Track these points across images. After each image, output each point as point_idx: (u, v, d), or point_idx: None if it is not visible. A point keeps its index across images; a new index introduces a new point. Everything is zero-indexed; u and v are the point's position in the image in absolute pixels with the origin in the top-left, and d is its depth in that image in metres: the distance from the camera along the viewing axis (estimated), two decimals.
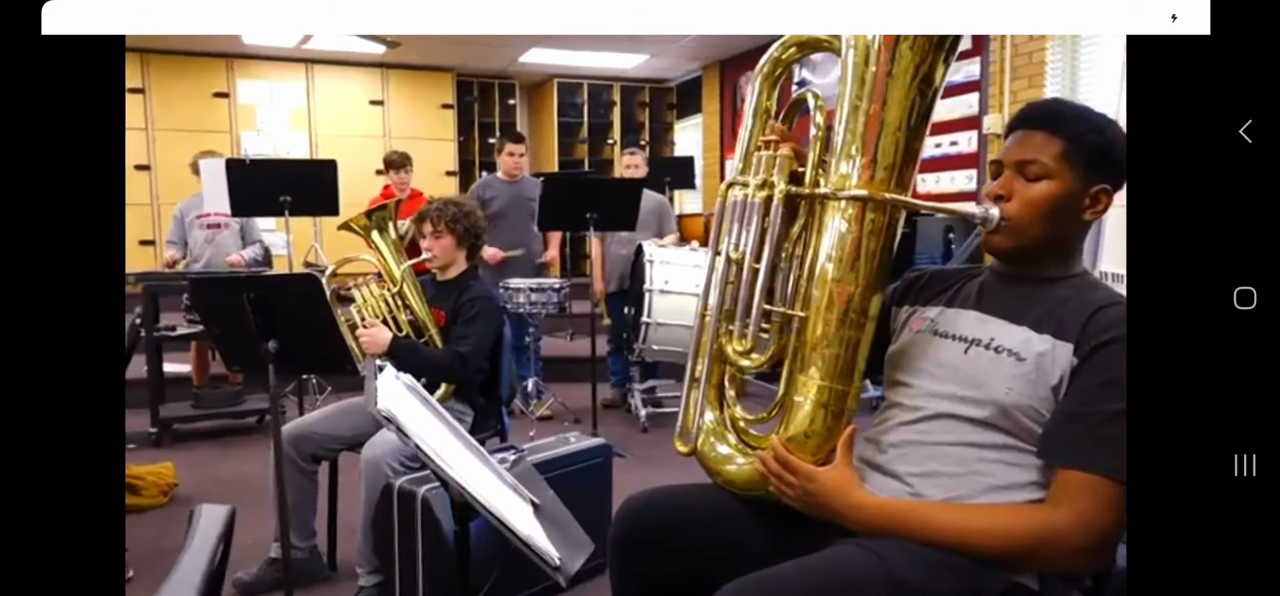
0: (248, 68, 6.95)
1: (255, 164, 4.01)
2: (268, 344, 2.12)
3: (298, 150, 7.04)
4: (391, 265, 2.64)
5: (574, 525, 1.41)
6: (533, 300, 4.34)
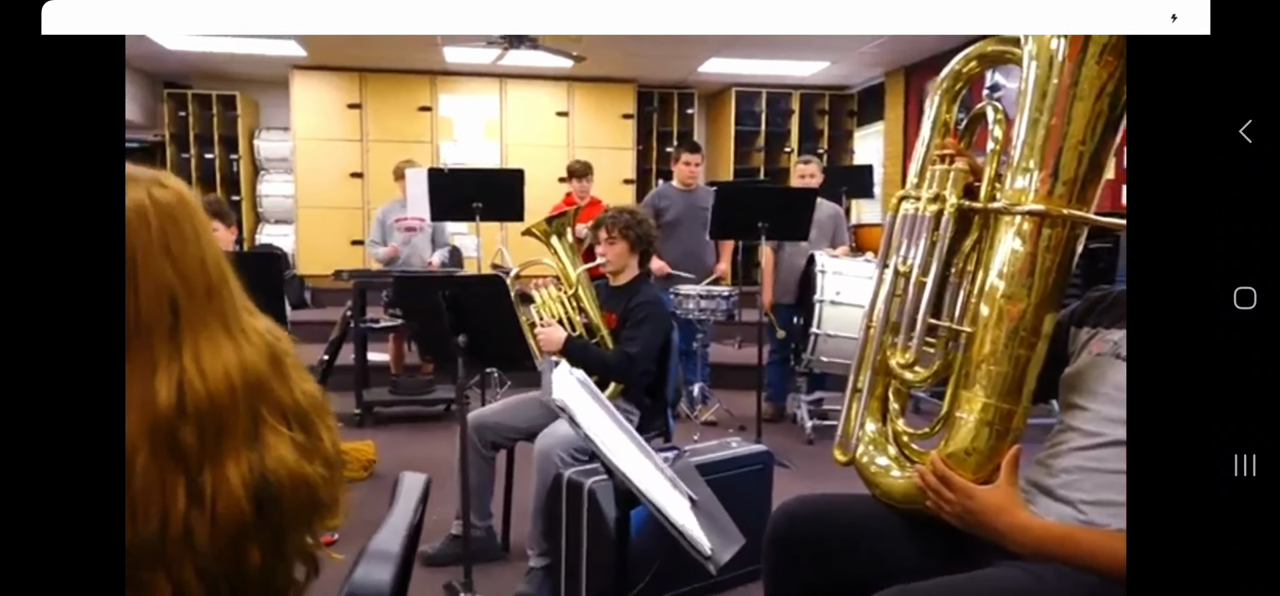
0: (449, 84, 7.53)
1: (452, 172, 4.37)
2: (458, 338, 2.32)
3: (489, 159, 7.54)
4: (568, 269, 2.80)
5: (728, 520, 1.45)
6: (703, 306, 4.41)
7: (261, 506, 0.89)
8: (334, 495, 0.97)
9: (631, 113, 7.87)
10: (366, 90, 7.47)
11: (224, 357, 0.91)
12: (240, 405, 0.90)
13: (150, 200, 0.91)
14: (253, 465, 0.89)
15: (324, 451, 0.96)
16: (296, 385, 0.97)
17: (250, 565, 0.89)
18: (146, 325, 0.88)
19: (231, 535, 0.87)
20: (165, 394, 0.87)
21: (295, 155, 7.59)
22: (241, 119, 7.89)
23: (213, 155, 7.90)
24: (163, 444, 0.86)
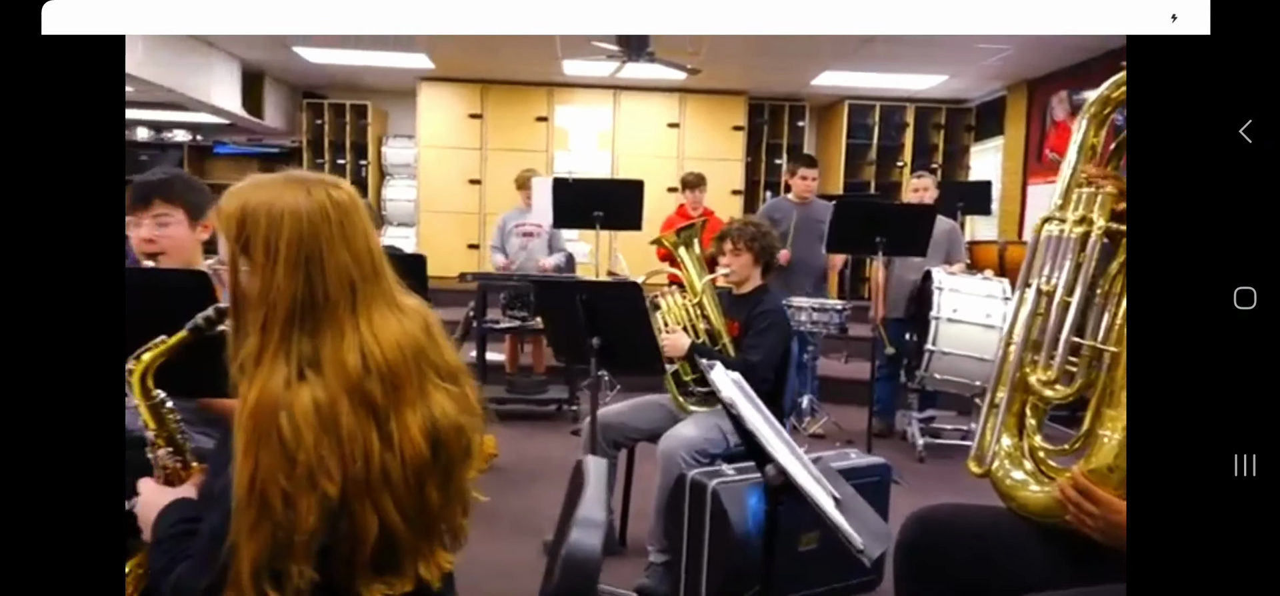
0: (565, 95, 7.79)
1: (576, 182, 4.55)
2: (592, 340, 2.46)
3: (601, 169, 7.75)
4: (694, 278, 2.90)
5: (876, 518, 1.51)
6: (815, 320, 4.43)
7: (435, 449, 1.05)
8: (480, 442, 1.14)
9: (742, 124, 7.93)
10: (487, 101, 7.81)
11: (391, 327, 1.08)
12: (409, 365, 1.07)
13: (329, 200, 1.09)
14: (424, 414, 1.05)
15: (470, 404, 1.12)
16: (445, 348, 1.14)
17: (430, 501, 1.05)
18: (334, 302, 1.05)
19: (416, 473, 1.03)
20: (353, 358, 1.03)
21: (419, 162, 8.00)
22: (371, 127, 8.38)
23: (344, 161, 8.40)
24: (358, 399, 1.02)
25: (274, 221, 1.03)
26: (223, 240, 1.08)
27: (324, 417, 0.98)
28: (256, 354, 1.02)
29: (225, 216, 1.06)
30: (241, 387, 1.02)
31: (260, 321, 1.02)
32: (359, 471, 0.99)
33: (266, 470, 0.96)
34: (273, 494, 0.95)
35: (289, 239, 1.03)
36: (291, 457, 0.96)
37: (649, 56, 5.88)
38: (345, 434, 0.99)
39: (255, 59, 7.31)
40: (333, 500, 0.98)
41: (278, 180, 1.08)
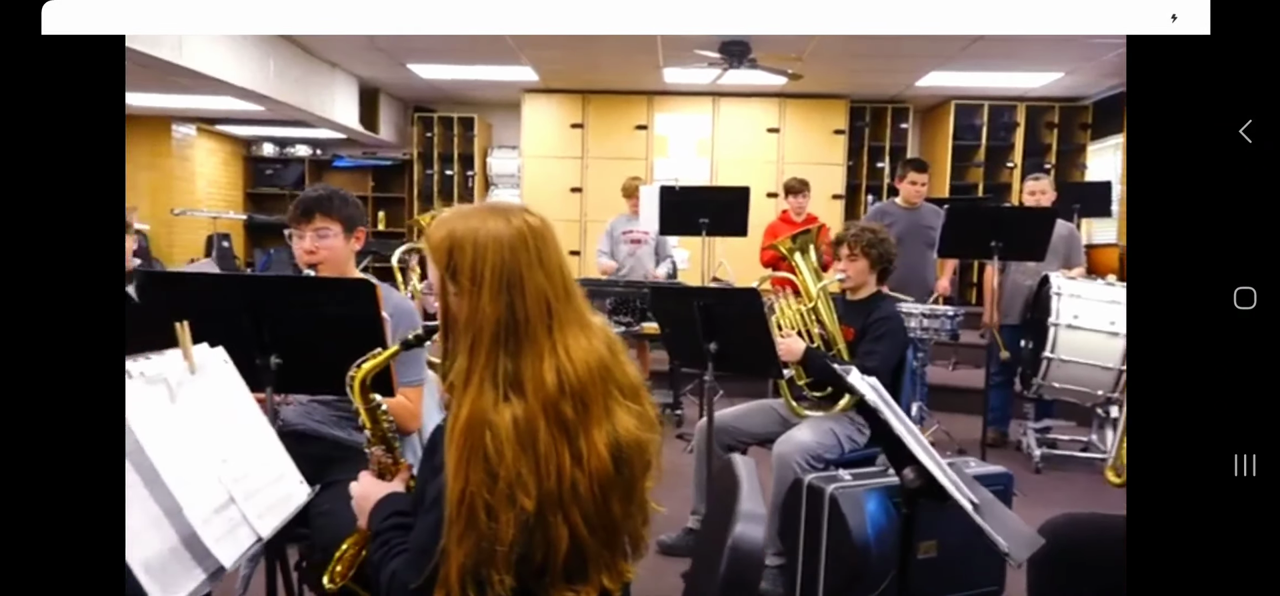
0: (665, 103, 7.88)
1: (682, 190, 4.62)
2: (709, 345, 2.51)
3: (700, 175, 7.81)
4: (809, 283, 2.92)
5: (1018, 522, 1.50)
6: (925, 326, 4.36)
7: (618, 464, 1.11)
8: (658, 456, 1.20)
9: (843, 128, 7.84)
10: (589, 110, 7.98)
11: (583, 346, 1.14)
12: (597, 383, 1.13)
13: (527, 226, 1.17)
14: (609, 432, 1.11)
15: (649, 419, 1.18)
16: (627, 366, 1.20)
17: (614, 513, 1.12)
18: (533, 324, 1.13)
19: (601, 487, 1.10)
20: (551, 378, 1.11)
21: (522, 171, 8.24)
22: (477, 138, 8.69)
23: (452, 172, 8.74)
24: (553, 417, 1.09)
25: (479, 249, 1.11)
26: (432, 266, 1.18)
27: (522, 436, 1.06)
28: (465, 374, 1.10)
29: (434, 244, 1.15)
30: (452, 405, 1.11)
31: (468, 343, 1.11)
32: (552, 486, 1.06)
33: (474, 485, 1.04)
34: (478, 507, 1.04)
35: (492, 265, 1.11)
36: (494, 474, 1.04)
37: (750, 63, 5.91)
38: (541, 451, 1.06)
39: (371, 76, 7.70)
40: (529, 514, 1.05)
41: (479, 210, 1.17)
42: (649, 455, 1.17)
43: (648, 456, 1.17)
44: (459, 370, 1.13)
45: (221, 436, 1.26)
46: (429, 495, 1.15)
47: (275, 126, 8.62)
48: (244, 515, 1.22)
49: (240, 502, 1.22)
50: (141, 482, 1.08)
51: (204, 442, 1.21)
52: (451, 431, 1.09)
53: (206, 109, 7.65)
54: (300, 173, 9.48)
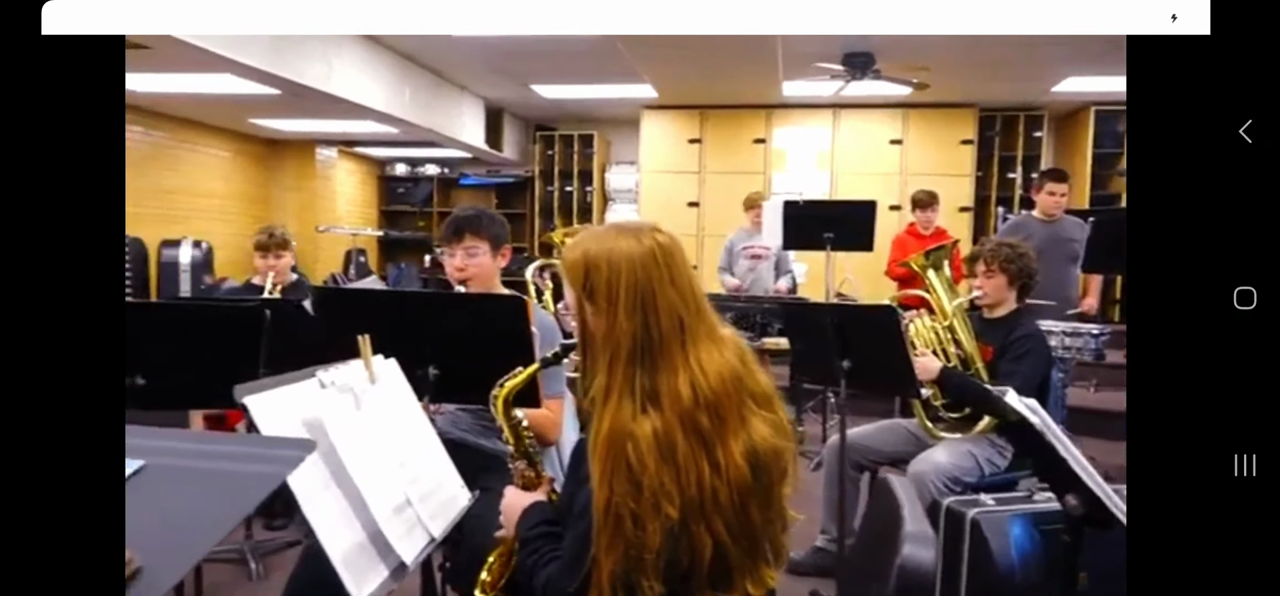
0: (784, 116, 7.83)
1: (806, 204, 4.57)
2: (842, 362, 2.49)
3: (819, 188, 7.70)
4: (944, 300, 2.84)
5: None
6: (1067, 344, 4.14)
7: (756, 472, 1.13)
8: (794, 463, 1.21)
9: (971, 138, 7.57)
10: (707, 125, 8.02)
11: (715, 358, 1.17)
12: (731, 394, 1.15)
13: (657, 245, 1.20)
14: (745, 440, 1.13)
15: (784, 427, 1.19)
16: (759, 375, 1.22)
17: (753, 521, 1.13)
18: (667, 339, 1.16)
19: (741, 495, 1.12)
20: (686, 390, 1.13)
21: (641, 186, 8.36)
22: (597, 155, 8.88)
23: (572, 188, 8.96)
24: (690, 428, 1.12)
25: (614, 268, 1.16)
26: (568, 286, 1.23)
27: (662, 446, 1.09)
28: (605, 389, 1.15)
29: (570, 265, 1.21)
30: (594, 419, 1.16)
31: (607, 360, 1.15)
32: (693, 495, 1.09)
33: (619, 495, 1.08)
34: (624, 516, 1.08)
35: (627, 283, 1.15)
36: (638, 483, 1.08)
37: (874, 74, 5.80)
38: (681, 461, 1.09)
39: (496, 97, 8.01)
40: (674, 522, 1.08)
41: (611, 230, 1.22)
42: (785, 462, 1.19)
43: (784, 463, 1.19)
44: (599, 386, 1.16)
45: (398, 442, 1.35)
46: (577, 506, 1.19)
47: (407, 147, 9.09)
48: (419, 516, 1.30)
49: (415, 504, 1.30)
50: (334, 482, 1.17)
51: (384, 447, 1.30)
52: (594, 444, 1.14)
53: (347, 132, 8.14)
54: (429, 191, 9.95)
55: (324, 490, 1.14)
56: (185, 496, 0.82)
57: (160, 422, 1.02)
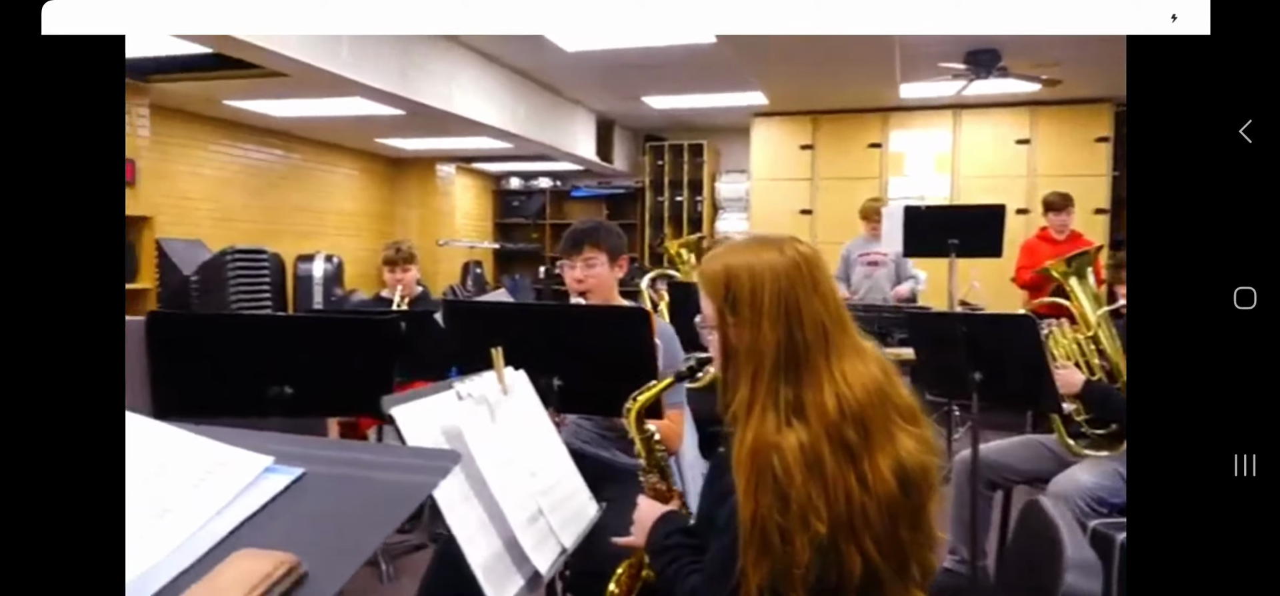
0: (901, 119, 7.59)
1: (929, 209, 4.41)
2: (974, 374, 2.37)
3: (939, 193, 7.42)
4: (1087, 309, 2.67)
5: None
6: None
7: (904, 488, 1.08)
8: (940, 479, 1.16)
9: (1107, 135, 7.11)
10: (819, 131, 7.87)
11: (860, 371, 1.13)
12: (877, 407, 1.11)
13: (799, 255, 1.17)
14: (892, 456, 1.09)
15: (930, 442, 1.14)
16: (902, 389, 1.17)
17: (902, 539, 1.09)
18: (812, 350, 1.12)
19: (889, 512, 1.08)
20: (831, 403, 1.10)
21: (751, 195, 8.28)
22: (706, 164, 8.87)
23: (681, 198, 8.98)
24: (836, 442, 1.08)
25: (756, 280, 1.15)
26: (706, 299, 1.22)
27: (809, 460, 1.07)
28: (748, 402, 1.13)
29: (710, 278, 1.20)
30: (737, 432, 1.14)
31: (750, 373, 1.14)
32: (841, 510, 1.06)
33: (765, 509, 1.07)
34: (771, 530, 1.06)
35: (771, 294, 1.14)
36: (784, 497, 1.06)
37: (1000, 72, 5.54)
38: (829, 475, 1.07)
39: (607, 110, 8.12)
40: (822, 537, 1.05)
41: (751, 243, 1.21)
42: (933, 479, 1.15)
43: (932, 480, 1.15)
44: (741, 399, 1.15)
45: (530, 452, 1.37)
46: (720, 519, 1.18)
47: (521, 161, 9.34)
48: (551, 526, 1.31)
49: (547, 514, 1.32)
50: (472, 492, 1.20)
51: (517, 458, 1.32)
52: (738, 458, 1.12)
53: (465, 149, 8.45)
54: (542, 203, 10.19)
55: (463, 500, 1.16)
56: (344, 503, 0.85)
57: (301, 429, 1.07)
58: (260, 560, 0.76)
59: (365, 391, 1.97)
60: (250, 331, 2.15)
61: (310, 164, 8.23)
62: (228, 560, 0.76)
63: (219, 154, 7.19)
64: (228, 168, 7.29)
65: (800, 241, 1.20)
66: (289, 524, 0.83)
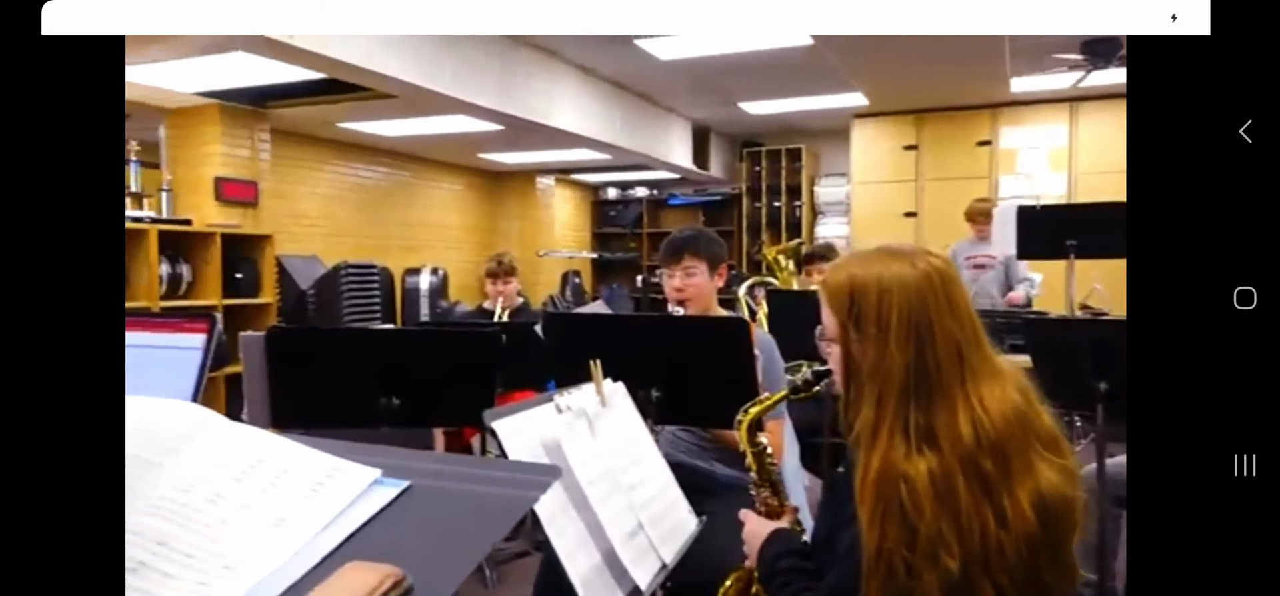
0: (1012, 115, 7.25)
1: (1045, 209, 4.19)
2: (1099, 384, 2.22)
3: (1055, 191, 7.05)
4: None
5: None
6: None
7: (1045, 524, 0.99)
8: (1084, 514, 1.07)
9: None
10: (923, 130, 7.62)
11: (997, 395, 1.04)
12: (1017, 436, 1.02)
13: (932, 269, 1.09)
14: (1032, 488, 1.00)
15: (1073, 473, 1.04)
16: (1043, 413, 1.07)
17: (1043, 580, 1.00)
18: (945, 372, 1.05)
19: (1029, 550, 0.99)
20: (966, 430, 1.02)
21: (852, 198, 8.09)
22: (805, 168, 8.73)
23: (779, 203, 8.86)
24: (972, 473, 1.01)
25: (884, 294, 1.07)
26: (829, 313, 1.15)
27: (940, 491, 1.00)
28: (873, 425, 1.06)
29: (833, 290, 1.13)
30: (860, 457, 1.08)
31: (876, 394, 1.07)
32: (976, 547, 0.98)
33: (891, 542, 1.00)
34: (897, 564, 0.99)
35: (899, 310, 1.06)
36: (912, 529, 0.99)
37: (1120, 61, 5.22)
38: (963, 508, 0.99)
39: (703, 117, 8.10)
40: (953, 575, 0.98)
41: (881, 253, 1.13)
42: (1076, 514, 1.05)
43: (1075, 515, 1.05)
44: (865, 421, 1.08)
45: (629, 466, 1.36)
46: (840, 544, 1.12)
47: (618, 172, 9.42)
48: (650, 541, 1.30)
49: (647, 528, 1.30)
50: (572, 506, 1.20)
51: (617, 471, 1.31)
52: (862, 485, 1.05)
53: (564, 161, 8.60)
54: (639, 212, 10.25)
55: (563, 514, 1.16)
56: (448, 516, 0.86)
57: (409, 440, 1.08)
58: (368, 573, 0.77)
59: (469, 402, 2.01)
60: (360, 344, 2.23)
61: (416, 180, 8.55)
62: (337, 572, 0.78)
63: (332, 173, 7.57)
64: (340, 186, 7.66)
65: (933, 253, 1.12)
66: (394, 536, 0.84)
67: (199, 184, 5.46)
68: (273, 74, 4.62)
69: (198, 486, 0.86)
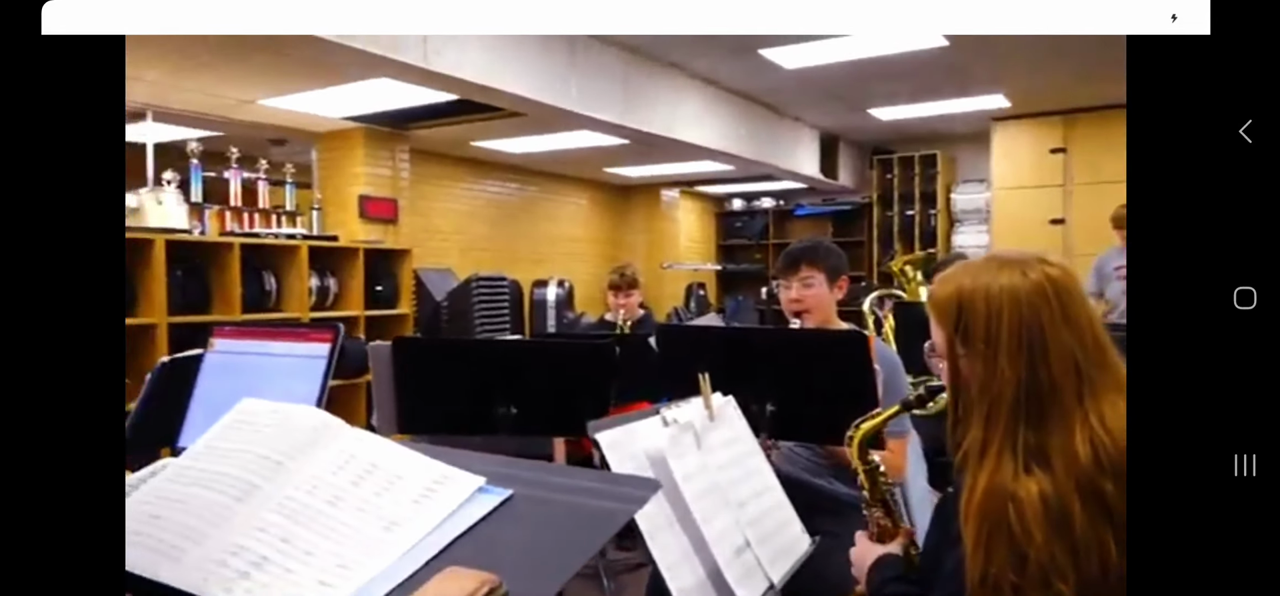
0: None
1: None
2: None
3: None
4: None
5: None
6: None
7: None
8: None
9: None
10: (1072, 132, 7.15)
11: (1121, 412, 0.95)
12: None
13: (1047, 279, 1.02)
14: None
15: None
16: None
17: None
18: (1059, 389, 0.97)
19: None
20: (1084, 450, 0.94)
21: (992, 205, 7.68)
22: (940, 175, 8.36)
23: (913, 212, 8.52)
24: (1089, 496, 0.93)
25: (993, 306, 1.02)
26: (937, 326, 1.10)
27: (1053, 515, 0.94)
28: (980, 445, 1.01)
29: (939, 303, 1.08)
30: (967, 477, 1.03)
31: (984, 412, 1.02)
32: (1094, 577, 0.92)
33: (999, 566, 0.95)
34: (1004, 588, 0.95)
35: (1010, 324, 1.01)
36: (1021, 554, 0.94)
37: None
38: (1078, 534, 0.93)
39: (830, 125, 7.92)
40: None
41: (991, 263, 1.07)
42: None
43: None
44: (973, 440, 1.03)
45: (737, 482, 1.34)
46: (947, 566, 1.07)
47: (743, 183, 9.36)
48: (758, 560, 1.27)
49: (754, 547, 1.27)
50: (677, 521, 1.18)
51: (724, 487, 1.29)
52: (967, 507, 1.00)
53: (688, 173, 8.62)
54: (764, 223, 10.13)
55: (667, 528, 1.15)
56: (546, 526, 0.87)
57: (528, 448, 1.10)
58: (465, 579, 0.79)
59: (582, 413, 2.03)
60: (477, 354, 2.31)
61: (544, 195, 8.80)
62: (436, 577, 0.80)
63: (466, 190, 7.91)
64: (473, 202, 7.99)
65: (1049, 261, 1.05)
66: (495, 544, 0.86)
67: (345, 202, 5.85)
68: (412, 97, 4.89)
69: (320, 488, 0.91)
